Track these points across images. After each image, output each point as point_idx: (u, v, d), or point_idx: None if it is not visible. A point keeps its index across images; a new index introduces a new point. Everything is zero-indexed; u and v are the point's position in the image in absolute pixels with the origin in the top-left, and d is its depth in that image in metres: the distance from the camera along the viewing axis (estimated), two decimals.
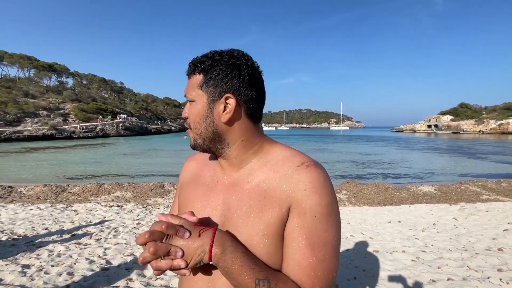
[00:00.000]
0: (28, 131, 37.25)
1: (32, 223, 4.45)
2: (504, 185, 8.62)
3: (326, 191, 0.57)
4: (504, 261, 3.06)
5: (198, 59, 0.64)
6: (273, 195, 0.59)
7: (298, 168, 0.60)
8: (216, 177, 0.71)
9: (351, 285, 2.62)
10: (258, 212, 0.59)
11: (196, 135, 0.66)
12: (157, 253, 0.53)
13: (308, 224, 0.56)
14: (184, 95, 0.67)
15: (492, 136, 55.92)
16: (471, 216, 5.25)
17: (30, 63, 61.26)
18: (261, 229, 0.58)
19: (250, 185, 0.63)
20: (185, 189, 0.76)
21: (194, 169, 0.79)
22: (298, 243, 0.56)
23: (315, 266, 0.54)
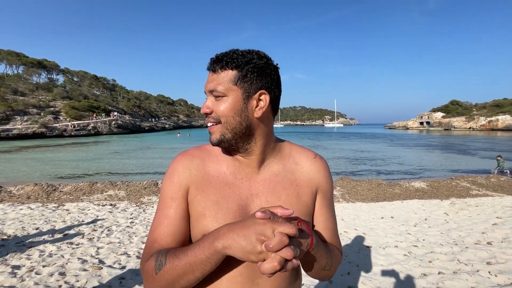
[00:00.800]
0: (18, 129, 36.42)
1: (23, 223, 4.36)
2: (493, 181, 8.82)
3: (331, 177, 0.79)
4: (493, 254, 3.14)
5: (229, 56, 0.64)
6: (303, 182, 0.73)
7: (314, 160, 0.76)
8: (239, 174, 0.71)
9: (345, 280, 2.65)
10: (297, 198, 0.71)
11: (227, 130, 0.65)
12: (298, 256, 0.49)
13: (328, 201, 0.77)
14: (209, 89, 0.66)
15: (482, 133, 57.10)
16: (461, 211, 5.37)
17: (19, 59, 59.70)
18: (303, 210, 0.71)
19: (280, 177, 0.72)
20: (204, 190, 0.69)
21: (202, 167, 0.72)
22: (327, 216, 0.76)
23: (336, 230, 0.78)
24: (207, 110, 0.67)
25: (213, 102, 0.66)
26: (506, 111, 68.21)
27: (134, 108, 73.42)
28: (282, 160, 0.74)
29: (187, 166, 0.71)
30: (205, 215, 0.66)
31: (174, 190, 0.70)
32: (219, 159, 0.73)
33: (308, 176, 0.74)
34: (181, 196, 0.69)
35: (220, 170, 0.71)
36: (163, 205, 0.69)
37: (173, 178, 0.71)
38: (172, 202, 0.69)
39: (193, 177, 0.70)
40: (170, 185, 0.70)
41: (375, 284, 2.56)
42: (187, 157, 0.73)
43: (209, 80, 0.66)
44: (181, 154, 0.75)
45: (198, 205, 0.68)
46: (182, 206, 0.69)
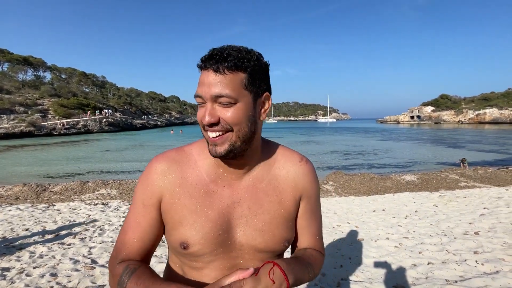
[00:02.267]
0: (4, 128, 35.39)
1: (12, 224, 4.27)
2: (481, 172, 9.07)
3: (317, 179, 0.77)
4: (480, 244, 3.24)
5: (235, 54, 0.57)
6: (287, 188, 0.71)
7: (300, 164, 0.74)
8: (221, 181, 0.67)
9: (338, 273, 2.70)
10: (279, 204, 0.69)
11: (238, 139, 0.60)
12: None
13: (312, 206, 0.75)
14: (215, 94, 0.57)
15: (470, 126, 58.45)
16: (450, 202, 5.50)
17: (3, 56, 57.73)
18: (285, 216, 0.70)
19: (263, 183, 0.70)
20: (180, 199, 0.65)
21: (180, 173, 0.67)
22: (310, 221, 0.75)
23: (321, 234, 0.78)
24: (213, 120, 0.58)
25: (219, 109, 0.58)
26: (493, 105, 69.93)
27: (125, 105, 72.18)
28: (267, 165, 0.71)
29: (163, 171, 0.66)
30: (183, 224, 0.64)
31: (147, 197, 0.66)
32: (198, 165, 0.68)
33: (293, 182, 0.72)
34: (153, 205, 0.66)
35: (200, 177, 0.67)
36: (135, 209, 0.67)
37: (147, 183, 0.67)
38: (143, 208, 0.66)
39: (169, 184, 0.66)
40: (143, 190, 0.67)
41: (367, 276, 2.62)
42: (164, 162, 0.68)
43: (212, 83, 0.57)
44: (158, 157, 0.69)
45: (175, 213, 0.65)
46: (152, 215, 0.66)
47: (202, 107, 0.60)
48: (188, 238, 0.63)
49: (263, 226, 0.66)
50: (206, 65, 0.58)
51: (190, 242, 0.63)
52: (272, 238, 0.66)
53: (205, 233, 0.63)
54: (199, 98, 0.60)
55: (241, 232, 0.66)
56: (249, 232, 0.66)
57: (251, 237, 0.66)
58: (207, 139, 0.62)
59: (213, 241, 0.63)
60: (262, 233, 0.66)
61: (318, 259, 0.73)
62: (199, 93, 0.59)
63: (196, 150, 0.71)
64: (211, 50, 0.59)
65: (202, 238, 0.63)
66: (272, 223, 0.67)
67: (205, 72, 0.59)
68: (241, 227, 0.66)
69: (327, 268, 2.81)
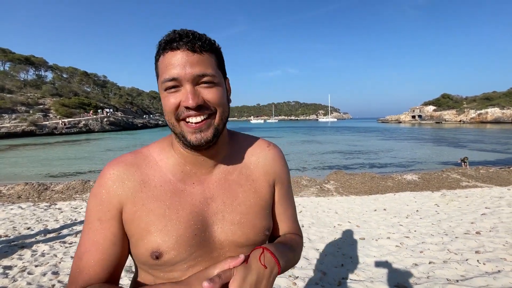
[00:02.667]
0: (6, 128, 35.53)
1: (13, 223, 4.29)
2: (482, 172, 9.04)
3: (287, 163, 0.76)
4: (481, 243, 3.23)
5: (203, 36, 0.56)
6: (260, 176, 0.69)
7: (268, 149, 0.72)
8: (189, 178, 0.62)
9: (339, 272, 2.69)
10: (255, 193, 0.66)
11: (221, 121, 0.58)
12: None
13: (286, 190, 0.74)
14: (197, 73, 0.53)
15: (472, 125, 58.23)
16: (451, 202, 5.49)
17: (5, 56, 57.92)
18: (262, 205, 0.67)
19: (235, 174, 0.66)
20: (144, 204, 0.58)
21: (139, 176, 0.60)
22: (286, 206, 0.74)
23: (296, 216, 0.78)
24: (200, 102, 0.54)
25: (201, 90, 0.55)
26: (495, 104, 69.64)
27: (126, 104, 72.37)
28: (235, 155, 0.68)
29: (120, 178, 0.59)
30: (151, 230, 0.56)
31: (103, 211, 0.58)
32: (160, 165, 0.63)
33: (264, 168, 0.70)
34: (113, 217, 0.58)
35: (164, 178, 0.61)
36: (89, 228, 0.59)
37: (101, 195, 0.59)
38: (100, 225, 0.58)
39: (129, 191, 0.58)
40: (98, 204, 0.59)
41: (368, 275, 2.61)
42: (119, 167, 0.60)
43: (191, 62, 0.53)
44: (111, 163, 0.61)
45: (140, 221, 0.57)
46: (113, 229, 0.58)
47: (175, 93, 0.54)
48: (160, 245, 0.56)
49: (241, 218, 0.62)
50: (178, 44, 0.53)
51: (162, 249, 0.56)
52: (252, 229, 0.63)
53: (178, 236, 0.56)
54: (172, 81, 0.53)
55: (219, 228, 0.61)
56: (227, 227, 0.61)
57: (230, 232, 0.61)
58: (185, 129, 0.56)
59: (189, 243, 0.57)
60: (241, 226, 0.62)
61: (300, 243, 0.73)
62: (175, 75, 0.53)
63: (155, 150, 0.65)
64: (175, 32, 0.55)
65: (176, 242, 0.56)
66: (250, 213, 0.64)
67: (176, 52, 0.53)
68: (218, 223, 0.61)
69: (328, 267, 2.81)
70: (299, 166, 13.19)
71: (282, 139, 32.19)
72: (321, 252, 3.21)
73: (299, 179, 8.31)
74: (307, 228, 4.11)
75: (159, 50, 0.56)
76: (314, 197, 6.47)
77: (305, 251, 3.21)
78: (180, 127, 0.57)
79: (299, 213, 4.96)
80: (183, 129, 0.56)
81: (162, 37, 0.56)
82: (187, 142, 0.56)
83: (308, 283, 2.50)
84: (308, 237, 3.71)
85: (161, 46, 0.56)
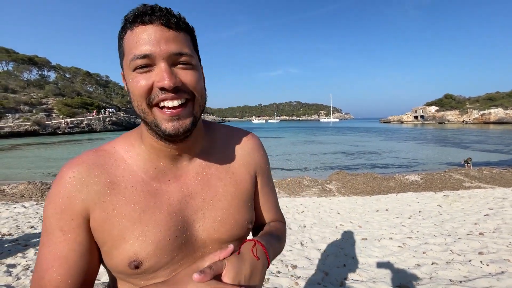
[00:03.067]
0: (10, 127, 35.78)
1: (17, 221, 4.32)
2: (486, 173, 8.99)
3: (266, 152, 0.73)
4: (485, 244, 3.21)
5: (179, 15, 0.49)
6: (240, 167, 0.65)
7: (247, 139, 0.69)
8: (164, 175, 0.56)
9: (341, 272, 2.69)
10: (235, 186, 0.62)
11: (199, 108, 0.52)
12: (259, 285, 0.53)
13: (267, 179, 0.72)
14: (173, 52, 0.47)
15: (475, 126, 57.91)
16: (454, 203, 5.46)
17: (9, 56, 58.31)
18: (243, 198, 0.63)
19: (213, 167, 0.61)
20: (115, 209, 0.51)
21: (106, 177, 0.53)
22: (269, 194, 0.72)
23: (277, 203, 0.76)
24: (177, 83, 0.47)
25: (177, 71, 0.48)
26: (499, 104, 69.21)
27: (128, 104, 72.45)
28: (212, 147, 0.63)
29: (82, 181, 0.51)
30: (126, 238, 0.50)
31: (65, 219, 0.50)
32: (129, 163, 0.55)
33: (244, 159, 0.66)
34: (77, 226, 0.50)
35: (135, 177, 0.54)
36: (50, 240, 0.50)
37: (62, 202, 0.50)
38: (62, 236, 0.50)
39: (95, 196, 0.51)
40: (58, 212, 0.50)
41: (370, 276, 2.61)
42: (80, 168, 0.52)
43: (166, 39, 0.46)
44: (70, 164, 0.53)
45: (113, 228, 0.50)
46: (79, 239, 0.50)
47: (146, 73, 0.47)
48: (138, 253, 0.50)
49: (223, 214, 0.59)
50: (150, 18, 0.46)
51: (141, 257, 0.50)
52: (235, 224, 0.59)
53: (158, 241, 0.51)
54: (143, 59, 0.46)
55: (201, 227, 0.57)
56: (209, 225, 0.57)
57: (212, 230, 0.57)
58: (160, 116, 0.49)
59: (170, 247, 0.52)
60: (223, 222, 0.58)
61: (284, 230, 0.73)
62: (147, 52, 0.46)
63: (121, 147, 0.57)
64: (145, 5, 0.47)
65: (156, 248, 0.51)
66: (231, 208, 0.60)
67: (148, 27, 0.46)
68: (199, 222, 0.57)
69: (330, 267, 2.81)
70: (301, 167, 13.18)
71: (283, 139, 32.18)
72: (323, 252, 3.20)
73: (301, 179, 8.30)
74: (309, 228, 4.11)
75: (126, 24, 0.48)
76: (316, 197, 6.46)
77: (307, 251, 3.21)
78: (152, 115, 0.49)
79: (300, 213, 4.96)
80: (157, 116, 0.49)
81: (129, 11, 0.48)
82: (162, 131, 0.49)
83: (310, 283, 2.50)
84: (310, 237, 3.71)
85: (128, 20, 0.47)
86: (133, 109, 0.51)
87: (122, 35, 0.50)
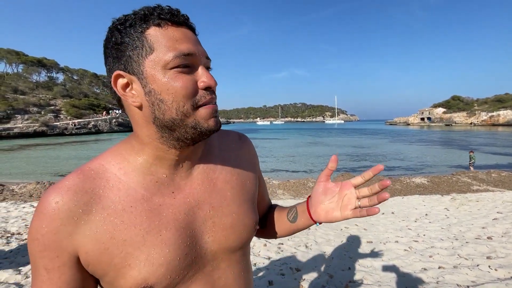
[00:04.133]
0: (19, 128, 36.52)
1: (26, 221, 4.39)
2: (494, 176, 8.82)
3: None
4: (493, 248, 3.15)
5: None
6: (244, 167, 0.65)
7: (241, 140, 0.69)
8: (167, 188, 0.51)
9: (346, 275, 2.67)
10: (242, 187, 0.62)
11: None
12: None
13: (260, 172, 0.73)
14: (206, 55, 0.49)
15: (483, 128, 56.95)
16: (462, 206, 5.38)
17: (18, 58, 59.58)
18: (250, 199, 0.63)
19: (217, 171, 0.59)
20: (114, 237, 0.45)
21: (98, 203, 0.46)
22: (263, 186, 0.76)
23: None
24: (214, 82, 0.48)
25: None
26: (508, 106, 67.96)
27: None
28: (212, 150, 0.60)
29: (69, 212, 0.44)
30: (131, 265, 0.46)
31: (49, 257, 0.45)
32: (124, 180, 0.49)
33: (244, 160, 0.66)
34: (62, 265, 0.45)
35: (134, 195, 0.48)
36: (36, 278, 0.46)
37: (45, 237, 0.44)
38: (47, 275, 0.45)
39: (85, 229, 0.45)
40: (41, 249, 0.44)
41: (376, 279, 2.58)
42: (65, 197, 0.45)
43: (196, 41, 0.48)
44: (52, 191, 0.45)
45: (113, 258, 0.45)
46: (65, 277, 0.45)
47: (187, 73, 0.45)
48: (148, 279, 0.46)
49: (233, 219, 0.56)
50: (184, 20, 0.46)
51: (152, 282, 0.46)
52: (245, 228, 0.58)
53: (168, 262, 0.47)
54: (187, 57, 0.44)
55: (210, 238, 0.54)
56: (219, 234, 0.54)
57: (224, 239, 0.55)
58: (205, 115, 0.47)
59: (181, 266, 0.49)
60: (234, 229, 0.56)
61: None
62: (192, 51, 0.45)
63: (112, 162, 0.50)
64: (170, 7, 0.46)
65: (167, 270, 0.47)
66: (241, 211, 0.58)
67: (181, 28, 0.46)
68: (208, 232, 0.53)
69: (335, 270, 2.79)
70: (306, 168, 13.14)
71: (288, 140, 32.12)
72: (328, 254, 3.18)
73: (305, 181, 8.28)
74: (313, 230, 4.09)
75: (150, 20, 0.44)
76: None
77: (311, 254, 3.19)
78: (195, 116, 0.46)
79: None
80: (201, 115, 0.46)
81: (144, 8, 0.46)
82: (204, 129, 0.47)
83: (314, 285, 2.49)
84: (315, 239, 3.69)
85: (155, 16, 0.44)
86: (162, 113, 0.45)
87: (141, 29, 0.44)
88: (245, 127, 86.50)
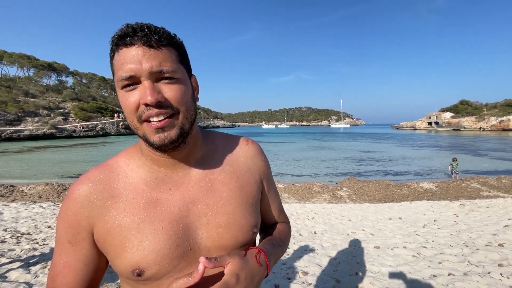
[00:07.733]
0: (29, 130, 37.28)
1: (35, 221, 4.47)
2: (505, 182, 8.63)
3: (266, 156, 0.75)
4: (505, 256, 3.08)
5: (161, 30, 0.52)
6: (244, 172, 0.66)
7: (247, 146, 0.71)
8: (165, 184, 0.58)
9: (353, 281, 2.64)
10: (240, 189, 0.64)
11: (186, 120, 0.54)
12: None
13: (271, 182, 0.75)
14: (154, 70, 0.49)
15: (492, 133, 55.83)
16: (471, 212, 5.27)
17: (30, 62, 61.12)
18: (249, 201, 0.64)
19: (216, 172, 0.63)
20: (116, 221, 0.55)
21: (109, 192, 0.56)
22: (273, 197, 0.76)
23: (281, 205, 0.80)
24: (160, 98, 0.50)
25: (161, 87, 0.51)
26: None
27: None
28: (213, 153, 0.65)
29: (87, 197, 0.56)
30: (126, 247, 0.53)
31: (72, 233, 0.56)
32: (130, 176, 0.58)
33: (247, 165, 0.68)
34: (82, 240, 0.56)
35: (136, 189, 0.57)
36: (61, 250, 0.57)
37: (69, 217, 0.56)
38: (70, 247, 0.56)
39: (98, 211, 0.55)
40: (66, 226, 0.56)
41: (384, 285, 2.55)
42: (86, 185, 0.57)
43: (147, 58, 0.49)
44: (77, 183, 0.58)
45: (114, 239, 0.54)
46: (84, 251, 0.56)
47: (133, 91, 0.51)
48: (140, 262, 0.52)
49: (228, 219, 0.59)
50: (132, 40, 0.49)
51: (143, 266, 0.52)
52: (240, 229, 0.60)
53: (159, 249, 0.53)
54: (129, 79, 0.49)
55: (204, 234, 0.57)
56: (213, 231, 0.58)
57: (217, 236, 0.58)
58: (147, 130, 0.52)
59: (171, 256, 0.54)
60: (228, 228, 0.59)
61: (288, 231, 0.77)
62: (131, 73, 0.49)
63: (123, 160, 0.61)
64: (128, 26, 0.50)
65: (157, 256, 0.53)
66: (237, 211, 0.60)
67: (131, 48, 0.49)
68: (202, 228, 0.57)
69: (342, 275, 2.76)
70: (311, 172, 13.06)
71: (293, 144, 32.03)
72: (334, 259, 3.15)
73: (311, 185, 8.23)
74: (319, 234, 4.06)
75: (113, 46, 0.52)
76: (327, 204, 6.38)
77: (318, 258, 3.17)
78: (142, 129, 0.52)
79: (311, 219, 4.91)
80: (145, 130, 0.52)
81: (115, 32, 0.51)
82: (151, 143, 0.53)
83: None
84: (321, 244, 3.66)
85: (114, 42, 0.51)
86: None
87: (111, 55, 0.53)
88: (250, 131, 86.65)
